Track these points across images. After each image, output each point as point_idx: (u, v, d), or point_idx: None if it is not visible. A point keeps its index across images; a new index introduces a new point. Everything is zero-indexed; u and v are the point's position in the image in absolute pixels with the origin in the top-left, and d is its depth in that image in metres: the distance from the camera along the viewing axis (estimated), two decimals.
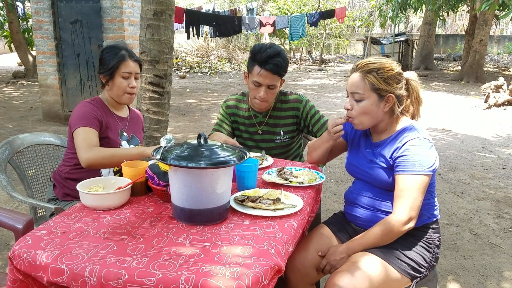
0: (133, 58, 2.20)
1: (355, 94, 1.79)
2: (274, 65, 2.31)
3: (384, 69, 1.76)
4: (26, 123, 7.10)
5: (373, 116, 1.80)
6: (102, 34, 6.61)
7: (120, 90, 2.17)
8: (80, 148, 2.00)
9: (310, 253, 1.89)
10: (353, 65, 1.85)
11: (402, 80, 1.80)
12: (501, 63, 20.46)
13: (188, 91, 11.19)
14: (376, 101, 1.77)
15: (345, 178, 4.72)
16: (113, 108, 2.26)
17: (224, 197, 1.55)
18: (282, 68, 2.35)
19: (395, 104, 1.79)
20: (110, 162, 2.02)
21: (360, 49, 24.39)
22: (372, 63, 1.78)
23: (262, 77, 2.34)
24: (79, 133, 2.05)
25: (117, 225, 1.52)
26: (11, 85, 11.44)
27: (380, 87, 1.75)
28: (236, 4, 24.22)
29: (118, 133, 2.22)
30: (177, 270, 1.22)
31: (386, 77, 1.75)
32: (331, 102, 9.91)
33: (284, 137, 2.56)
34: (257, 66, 2.33)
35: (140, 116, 2.48)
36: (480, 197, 4.24)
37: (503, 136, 6.84)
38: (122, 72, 2.15)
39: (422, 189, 1.70)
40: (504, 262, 3.01)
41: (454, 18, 27.69)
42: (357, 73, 1.79)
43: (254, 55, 2.35)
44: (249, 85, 2.43)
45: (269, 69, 2.31)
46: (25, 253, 1.32)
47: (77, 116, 2.10)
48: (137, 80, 2.23)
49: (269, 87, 2.37)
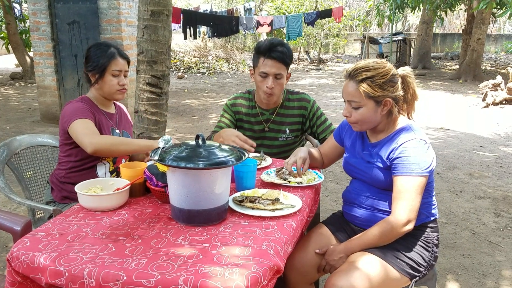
0: (122, 56, 2.21)
1: (352, 102, 1.79)
2: (279, 52, 2.33)
3: (378, 75, 1.72)
4: (24, 124, 7.08)
5: (372, 121, 1.80)
6: (99, 35, 6.60)
7: (112, 88, 2.18)
8: (84, 135, 1.96)
9: (309, 253, 1.89)
10: (345, 69, 1.81)
11: (398, 81, 1.78)
12: (498, 61, 20.49)
13: (186, 92, 11.18)
14: (373, 107, 1.76)
15: (343, 177, 4.72)
16: (102, 105, 2.26)
17: (222, 197, 1.55)
18: (287, 56, 2.37)
19: (393, 106, 1.79)
20: (118, 149, 2.01)
21: (358, 48, 24.43)
22: (365, 70, 1.74)
23: (268, 66, 2.35)
24: (77, 124, 2.01)
25: (115, 226, 1.51)
26: (9, 86, 11.42)
27: (376, 95, 1.73)
28: (233, 4, 24.24)
29: (110, 130, 2.22)
30: (176, 271, 1.22)
31: (381, 83, 1.72)
32: (329, 102, 9.91)
33: (289, 136, 2.57)
34: (262, 57, 2.37)
35: (124, 109, 2.46)
36: (478, 195, 4.25)
37: (501, 134, 6.85)
38: (113, 70, 2.16)
39: (420, 190, 1.70)
40: (503, 260, 3.01)
41: (452, 17, 27.74)
42: (351, 82, 1.76)
43: (258, 48, 2.40)
44: (256, 79, 2.44)
45: (275, 57, 2.34)
46: (23, 255, 1.31)
47: (69, 112, 2.07)
48: (126, 77, 2.24)
49: (276, 77, 2.38)
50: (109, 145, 1.97)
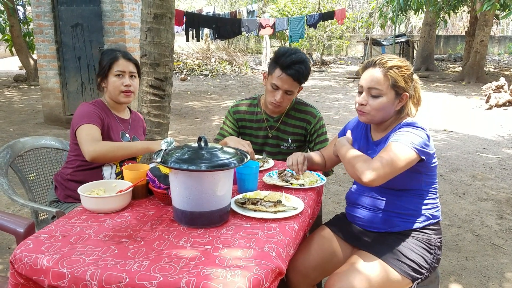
0: (125, 57, 2.22)
1: (372, 90, 1.78)
2: (296, 71, 2.27)
3: (404, 67, 1.77)
4: (27, 126, 7.11)
5: (386, 113, 1.80)
6: (103, 38, 6.62)
7: (115, 89, 2.19)
8: (84, 142, 2.01)
9: (312, 255, 1.89)
10: (366, 61, 1.84)
11: (413, 81, 1.82)
12: (502, 63, 20.44)
13: (189, 94, 11.20)
14: (392, 98, 1.77)
15: (346, 179, 4.72)
16: (114, 110, 2.28)
17: (224, 199, 1.55)
18: (303, 76, 2.31)
19: (407, 103, 1.80)
20: (115, 155, 2.03)
21: (360, 50, 24.40)
22: (392, 60, 1.78)
23: (281, 81, 2.29)
24: (82, 129, 2.06)
25: (118, 228, 1.52)
26: (13, 88, 11.46)
27: (400, 85, 1.75)
28: (236, 6, 24.28)
29: (119, 135, 2.23)
30: (178, 273, 1.22)
31: (406, 75, 1.76)
32: (332, 104, 9.91)
33: (291, 145, 2.53)
34: (279, 69, 2.29)
35: (141, 118, 2.49)
36: (481, 198, 4.24)
37: (504, 136, 6.83)
38: (115, 71, 2.18)
39: (405, 161, 1.64)
40: (506, 263, 3.00)
41: (455, 18, 27.69)
42: (377, 68, 1.77)
43: (277, 58, 2.31)
44: (266, 86, 2.39)
45: (290, 74, 2.27)
46: (26, 257, 1.32)
47: (79, 115, 2.12)
48: (134, 78, 2.24)
49: (286, 92, 2.33)
50: (104, 152, 1.99)
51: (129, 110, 2.40)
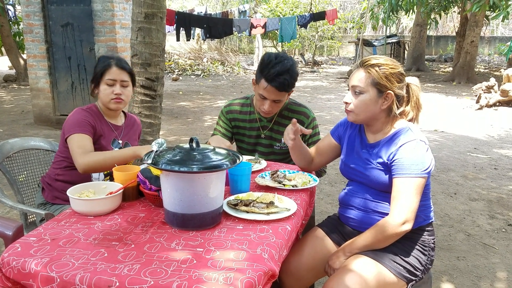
0: (119, 66, 2.19)
1: (355, 87, 1.79)
2: (281, 83, 2.24)
3: (387, 65, 1.77)
4: (17, 127, 7.04)
5: (370, 111, 1.79)
6: (93, 37, 6.57)
7: (106, 97, 2.18)
8: (76, 155, 2.01)
9: (305, 256, 1.88)
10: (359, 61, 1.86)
11: (404, 81, 1.81)
12: (492, 64, 20.62)
13: (180, 94, 11.16)
14: (375, 96, 1.76)
15: (338, 180, 4.72)
16: (107, 116, 2.26)
17: (217, 201, 1.53)
18: (289, 86, 2.28)
19: (394, 103, 1.79)
20: (104, 165, 2.01)
21: (352, 51, 24.48)
22: (375, 59, 1.79)
23: (268, 92, 2.28)
24: (73, 139, 2.05)
25: (108, 231, 1.50)
26: (2, 89, 11.34)
27: (380, 82, 1.75)
28: (228, 6, 24.25)
29: (110, 141, 2.21)
30: (169, 277, 1.20)
31: (388, 73, 1.75)
32: (324, 104, 9.92)
33: (284, 145, 2.52)
34: (264, 81, 2.26)
35: (137, 122, 2.46)
36: (473, 197, 4.26)
37: (494, 136, 6.89)
38: (106, 79, 2.17)
39: (419, 190, 1.70)
40: (497, 262, 3.01)
41: (445, 19, 27.87)
42: (361, 69, 1.80)
43: (262, 68, 2.28)
44: (255, 93, 2.39)
45: (275, 86, 2.25)
46: (14, 260, 1.29)
47: (71, 123, 2.11)
48: (125, 88, 2.21)
49: (274, 101, 2.32)
50: (93, 163, 1.98)
51: (124, 115, 2.38)
